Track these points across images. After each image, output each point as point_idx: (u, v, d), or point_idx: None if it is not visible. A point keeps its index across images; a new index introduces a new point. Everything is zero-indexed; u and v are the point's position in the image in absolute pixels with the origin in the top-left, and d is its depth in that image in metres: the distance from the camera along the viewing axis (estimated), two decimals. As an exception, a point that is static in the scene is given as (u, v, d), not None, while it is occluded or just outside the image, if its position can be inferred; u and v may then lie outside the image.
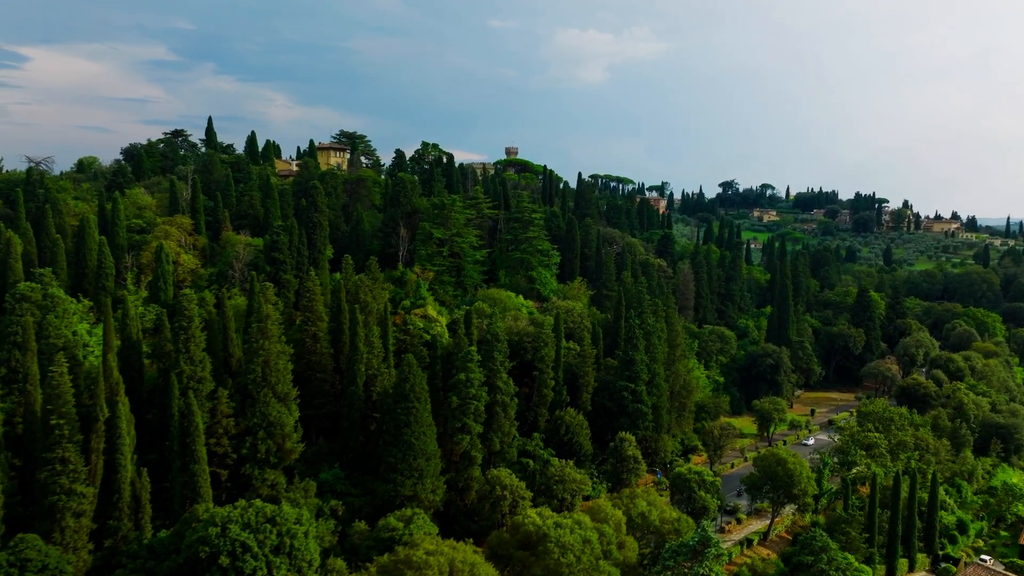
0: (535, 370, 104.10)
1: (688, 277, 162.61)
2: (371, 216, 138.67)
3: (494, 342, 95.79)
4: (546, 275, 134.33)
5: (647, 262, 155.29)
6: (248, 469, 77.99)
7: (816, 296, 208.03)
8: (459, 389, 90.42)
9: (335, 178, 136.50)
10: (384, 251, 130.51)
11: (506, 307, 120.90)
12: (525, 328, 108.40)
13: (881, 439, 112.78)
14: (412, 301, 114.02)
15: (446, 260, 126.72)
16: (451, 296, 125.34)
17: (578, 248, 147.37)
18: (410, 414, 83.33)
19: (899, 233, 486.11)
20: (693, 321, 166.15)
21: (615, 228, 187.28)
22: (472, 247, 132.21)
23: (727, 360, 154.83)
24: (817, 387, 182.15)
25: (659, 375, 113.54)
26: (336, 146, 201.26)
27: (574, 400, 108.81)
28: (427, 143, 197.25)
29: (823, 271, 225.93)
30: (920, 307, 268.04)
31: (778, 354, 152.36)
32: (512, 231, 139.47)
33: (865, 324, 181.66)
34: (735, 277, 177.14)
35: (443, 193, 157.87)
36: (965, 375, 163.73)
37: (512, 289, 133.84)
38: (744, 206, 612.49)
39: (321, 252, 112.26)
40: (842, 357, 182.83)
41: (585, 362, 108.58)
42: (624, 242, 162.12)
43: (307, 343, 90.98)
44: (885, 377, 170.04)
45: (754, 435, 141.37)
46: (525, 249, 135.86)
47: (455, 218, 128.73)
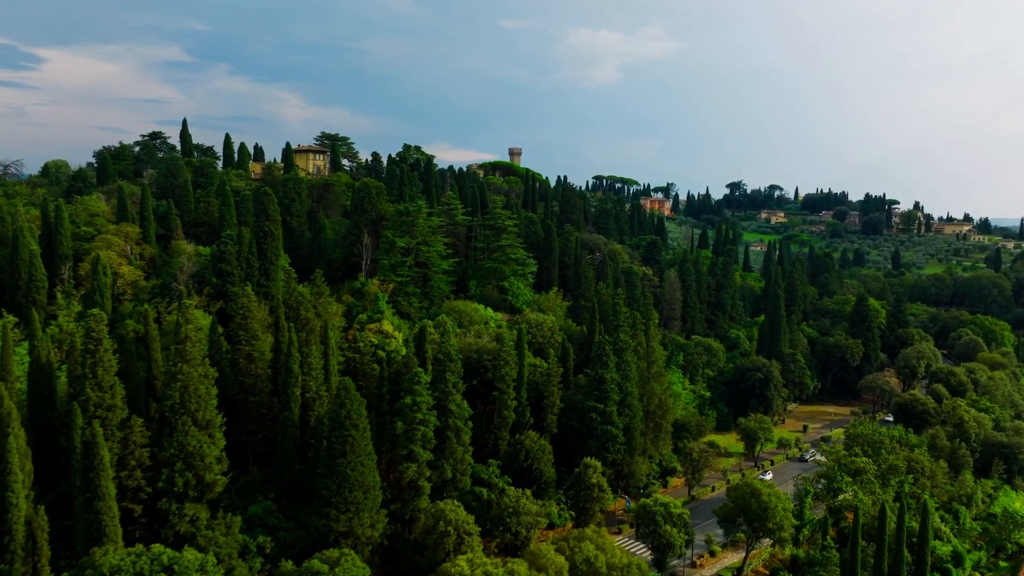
0: (495, 390, 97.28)
1: (674, 286, 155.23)
2: (338, 223, 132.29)
3: (446, 361, 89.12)
4: (519, 285, 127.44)
5: (630, 270, 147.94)
6: (165, 504, 71.71)
7: (814, 304, 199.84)
8: (405, 414, 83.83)
9: (299, 183, 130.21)
10: (348, 260, 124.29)
11: (472, 320, 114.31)
12: (485, 345, 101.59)
13: (869, 464, 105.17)
14: (369, 315, 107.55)
15: (411, 270, 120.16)
16: (416, 308, 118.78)
17: (556, 256, 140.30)
18: (345, 443, 76.72)
19: (909, 235, 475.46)
20: (680, 332, 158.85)
21: (602, 234, 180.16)
22: (441, 256, 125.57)
23: (714, 374, 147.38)
24: (813, 400, 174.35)
25: (632, 394, 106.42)
26: (316, 149, 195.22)
27: (539, 422, 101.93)
28: (408, 145, 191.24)
29: (822, 278, 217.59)
30: (926, 313, 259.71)
31: (768, 368, 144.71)
32: (484, 239, 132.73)
33: (863, 334, 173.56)
34: (726, 285, 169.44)
35: (420, 198, 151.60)
36: (967, 389, 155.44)
37: (483, 300, 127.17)
38: (752, 207, 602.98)
39: (273, 263, 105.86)
40: (839, 369, 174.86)
41: (550, 381, 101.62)
42: (607, 249, 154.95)
43: (241, 364, 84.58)
44: (883, 391, 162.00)
45: (741, 454, 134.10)
46: (497, 258, 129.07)
47: (421, 225, 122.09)
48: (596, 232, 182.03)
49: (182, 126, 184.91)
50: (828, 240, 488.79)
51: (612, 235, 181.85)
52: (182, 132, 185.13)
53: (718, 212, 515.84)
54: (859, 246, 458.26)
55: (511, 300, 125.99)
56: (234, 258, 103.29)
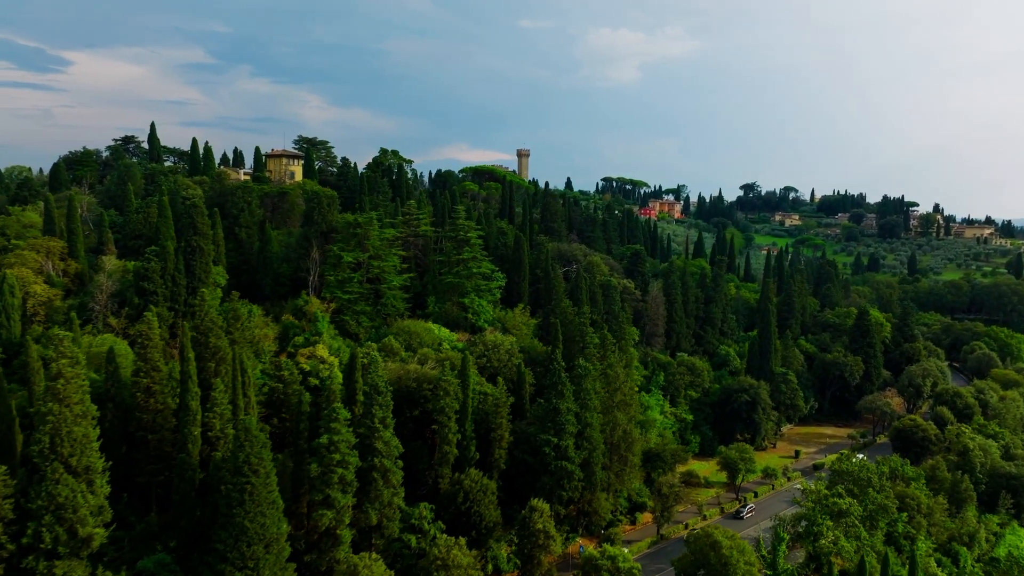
0: (434, 423, 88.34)
1: (657, 300, 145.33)
2: (289, 236, 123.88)
3: (373, 394, 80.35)
4: (480, 302, 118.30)
5: (608, 284, 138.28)
6: (31, 562, 63.70)
7: (815, 317, 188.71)
8: (321, 455, 75.22)
9: (249, 192, 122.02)
10: (296, 276, 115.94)
11: (422, 342, 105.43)
12: (426, 372, 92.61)
13: (855, 505, 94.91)
14: (306, 337, 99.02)
15: (361, 286, 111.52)
16: (365, 328, 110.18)
17: (526, 270, 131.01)
18: (244, 491, 68.05)
19: (927, 239, 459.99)
20: (664, 349, 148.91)
21: (587, 243, 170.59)
22: (396, 271, 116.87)
23: (698, 395, 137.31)
24: (810, 420, 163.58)
25: (592, 425, 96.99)
26: (290, 153, 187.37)
27: (486, 457, 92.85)
28: (386, 149, 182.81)
29: (824, 288, 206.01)
30: (939, 324, 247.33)
31: (755, 389, 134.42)
32: (446, 252, 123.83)
33: (864, 351, 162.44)
34: (715, 298, 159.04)
35: (388, 206, 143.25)
36: (974, 413, 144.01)
37: (442, 319, 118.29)
38: (766, 209, 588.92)
39: (202, 280, 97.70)
40: (838, 387, 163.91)
41: (499, 411, 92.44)
42: (586, 260, 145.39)
43: (139, 398, 76.36)
44: (884, 413, 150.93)
45: (723, 484, 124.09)
46: (459, 272, 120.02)
47: (373, 238, 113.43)
48: (580, 241, 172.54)
49: (150, 130, 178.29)
50: (843, 244, 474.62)
51: (598, 244, 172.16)
52: (150, 136, 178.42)
53: (729, 215, 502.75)
54: (875, 250, 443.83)
55: (471, 318, 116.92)
56: (158, 276, 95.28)
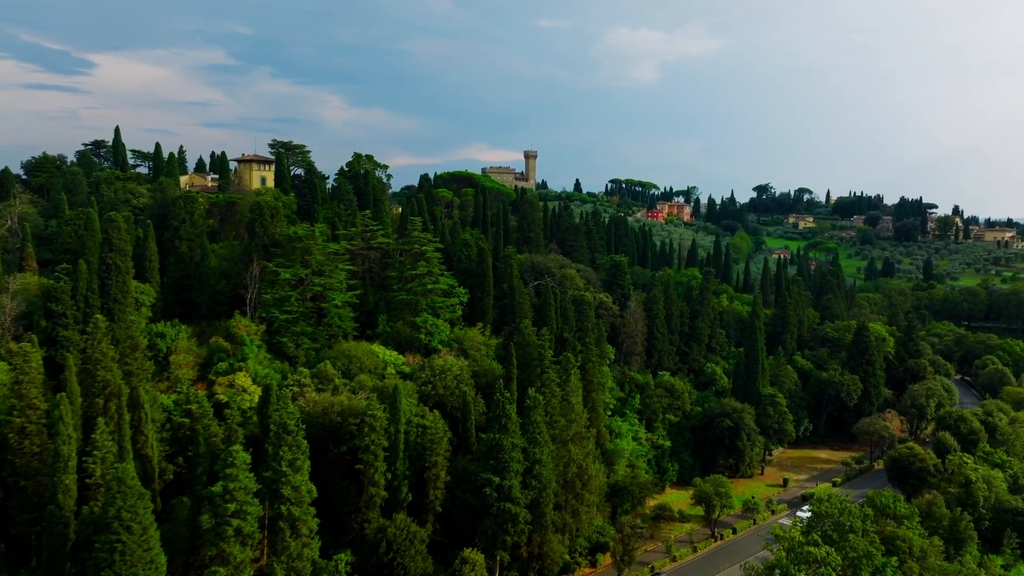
0: (359, 462, 79.80)
1: (636, 316, 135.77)
2: (232, 249, 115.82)
3: (282, 433, 71.92)
4: (435, 321, 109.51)
5: (581, 299, 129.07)
6: None
7: (813, 330, 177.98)
8: (214, 504, 66.91)
9: (191, 202, 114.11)
10: (235, 293, 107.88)
11: (363, 367, 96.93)
12: (353, 404, 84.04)
13: (833, 554, 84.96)
14: (230, 363, 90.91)
15: (302, 305, 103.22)
16: (304, 351, 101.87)
17: (490, 285, 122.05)
18: (114, 550, 60.26)
19: (945, 243, 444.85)
20: (644, 368, 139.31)
21: (568, 254, 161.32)
22: (343, 287, 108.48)
23: (678, 418, 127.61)
24: (804, 443, 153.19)
25: (543, 462, 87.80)
26: (261, 159, 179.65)
27: (421, 498, 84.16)
28: (359, 154, 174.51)
29: (824, 299, 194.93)
30: (951, 335, 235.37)
31: (739, 414, 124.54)
32: (399, 266, 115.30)
33: (863, 368, 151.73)
34: (702, 312, 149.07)
35: (351, 215, 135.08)
36: (980, 439, 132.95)
37: (393, 339, 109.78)
38: (779, 211, 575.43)
39: (119, 301, 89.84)
40: (835, 407, 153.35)
41: (434, 448, 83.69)
42: (560, 273, 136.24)
43: (11, 440, 68.49)
44: (882, 437, 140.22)
45: (700, 517, 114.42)
46: (412, 289, 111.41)
47: (316, 252, 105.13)
48: (561, 251, 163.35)
49: (114, 135, 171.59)
50: (858, 247, 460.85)
51: (581, 254, 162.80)
52: (114, 141, 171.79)
53: (740, 217, 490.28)
54: (890, 254, 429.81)
55: (423, 339, 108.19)
56: (67, 296, 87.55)
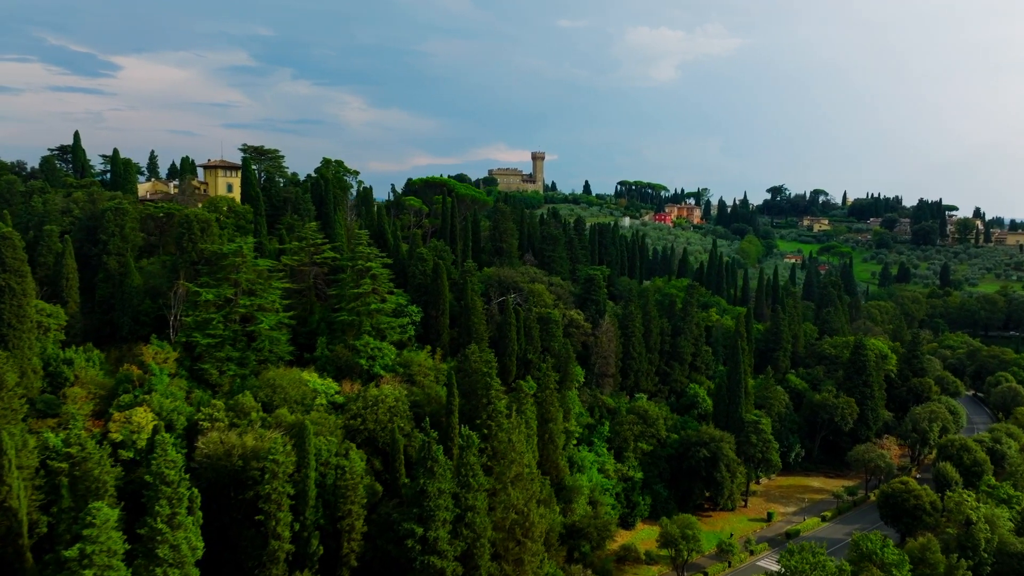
0: (259, 512, 71.09)
1: (609, 334, 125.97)
2: (163, 265, 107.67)
3: (159, 484, 63.35)
4: (377, 344, 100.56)
5: (547, 317, 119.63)
6: None
7: (810, 346, 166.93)
8: (70, 571, 58.43)
9: (121, 214, 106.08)
10: (160, 313, 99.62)
11: (287, 398, 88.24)
12: (258, 446, 75.30)
13: (801, 618, 75.16)
14: (135, 395, 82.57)
15: (228, 328, 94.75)
16: (229, 378, 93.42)
17: (445, 303, 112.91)
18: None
19: (965, 246, 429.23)
20: (619, 390, 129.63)
21: (545, 265, 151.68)
22: (276, 307, 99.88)
23: (651, 447, 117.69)
24: (796, 469, 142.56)
25: (478, 509, 78.58)
26: (227, 165, 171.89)
27: (336, 551, 75.27)
28: (328, 159, 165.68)
29: (824, 312, 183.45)
30: (965, 348, 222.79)
31: (717, 443, 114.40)
32: (340, 284, 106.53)
33: (860, 390, 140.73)
34: (685, 329, 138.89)
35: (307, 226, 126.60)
36: (985, 471, 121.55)
37: (332, 364, 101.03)
38: (793, 214, 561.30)
39: (15, 327, 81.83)
40: (830, 431, 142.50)
41: (348, 495, 74.76)
42: (529, 288, 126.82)
43: None
44: (877, 466, 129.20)
45: (670, 558, 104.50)
46: (355, 308, 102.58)
47: (245, 270, 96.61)
48: (538, 263, 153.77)
49: (74, 139, 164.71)
50: (873, 251, 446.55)
51: (560, 265, 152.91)
52: (74, 147, 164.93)
53: (751, 220, 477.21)
54: (906, 258, 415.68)
55: (363, 364, 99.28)
56: (-47, 323, 79.74)
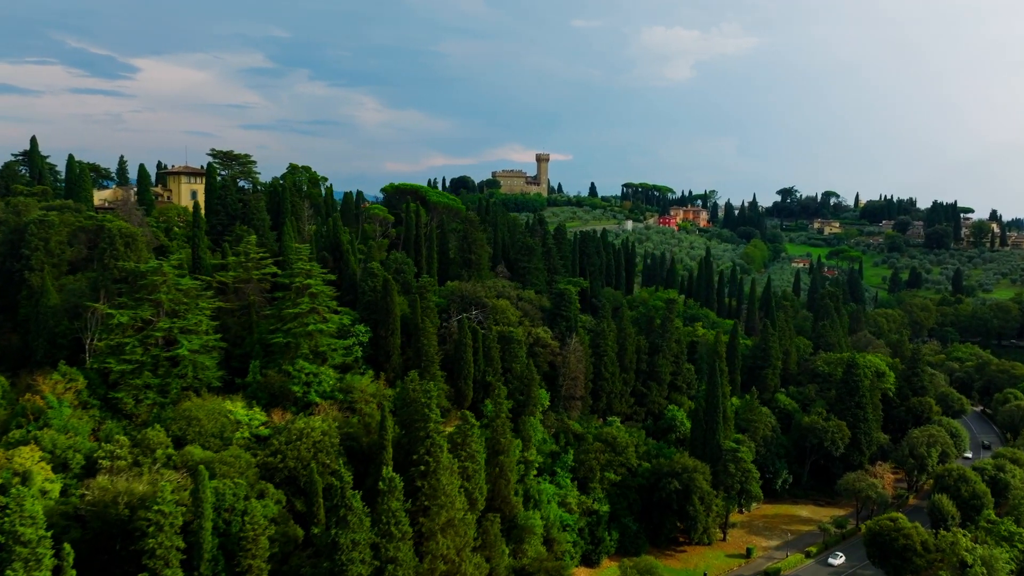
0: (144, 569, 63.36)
1: (577, 354, 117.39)
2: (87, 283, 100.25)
3: (12, 546, 55.86)
4: (312, 368, 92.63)
5: (508, 336, 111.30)
6: None
7: (804, 362, 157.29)
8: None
9: (46, 227, 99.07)
10: (77, 336, 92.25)
11: (202, 431, 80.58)
12: (146, 492, 67.57)
13: None
14: (28, 431, 75.19)
15: (147, 352, 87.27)
16: (148, 408, 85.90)
17: (396, 322, 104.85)
18: None
19: (979, 250, 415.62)
20: (590, 414, 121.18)
21: (520, 278, 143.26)
22: (206, 330, 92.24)
23: (619, 477, 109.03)
24: (784, 496, 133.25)
25: (403, 561, 70.55)
26: (191, 171, 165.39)
27: (236, 610, 67.41)
28: (295, 165, 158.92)
29: (820, 325, 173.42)
30: (974, 360, 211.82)
31: (690, 473, 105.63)
32: (277, 304, 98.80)
33: (852, 412, 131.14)
34: (663, 347, 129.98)
35: (244, 241, 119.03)
36: (985, 504, 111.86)
37: (264, 390, 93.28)
38: (804, 216, 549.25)
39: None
40: (821, 455, 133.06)
41: (249, 549, 66.79)
42: (492, 304, 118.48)
43: None
44: (868, 497, 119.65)
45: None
46: (291, 329, 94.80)
47: (166, 289, 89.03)
48: (512, 276, 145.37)
49: (30, 144, 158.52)
50: (885, 255, 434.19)
51: (535, 278, 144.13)
52: (30, 152, 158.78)
53: (758, 223, 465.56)
54: (919, 263, 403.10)
55: (297, 391, 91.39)
56: None
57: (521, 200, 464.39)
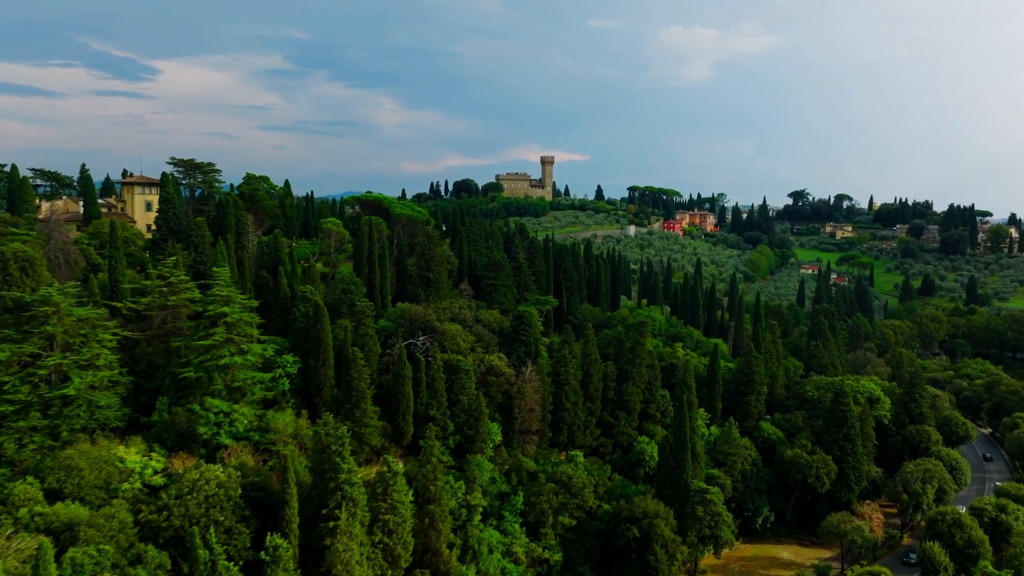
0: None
1: (534, 384, 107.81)
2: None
3: None
4: (222, 406, 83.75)
5: (456, 365, 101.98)
6: None
7: (794, 385, 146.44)
8: None
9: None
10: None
11: (83, 482, 71.86)
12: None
13: None
14: None
15: (33, 391, 78.85)
16: (33, 453, 77.43)
17: (328, 352, 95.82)
18: None
19: (997, 256, 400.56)
20: (548, 448, 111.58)
21: (487, 296, 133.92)
22: (104, 363, 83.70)
23: (575, 522, 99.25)
24: (766, 534, 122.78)
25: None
26: (147, 181, 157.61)
27: None
28: (253, 175, 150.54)
29: (813, 345, 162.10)
30: (984, 378, 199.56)
31: (651, 519, 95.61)
32: (188, 333, 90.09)
33: (839, 445, 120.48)
34: (633, 374, 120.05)
35: (163, 262, 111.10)
36: (982, 552, 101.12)
37: (171, 431, 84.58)
38: (816, 220, 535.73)
39: None
40: (805, 491, 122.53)
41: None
42: (442, 329, 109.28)
43: None
44: (854, 541, 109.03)
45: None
46: (203, 363, 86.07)
47: (56, 321, 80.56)
48: (475, 296, 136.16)
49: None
50: (898, 261, 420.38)
51: (504, 296, 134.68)
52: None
53: (766, 228, 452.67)
54: (933, 269, 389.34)
55: (203, 432, 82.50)
56: None
57: (523, 204, 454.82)
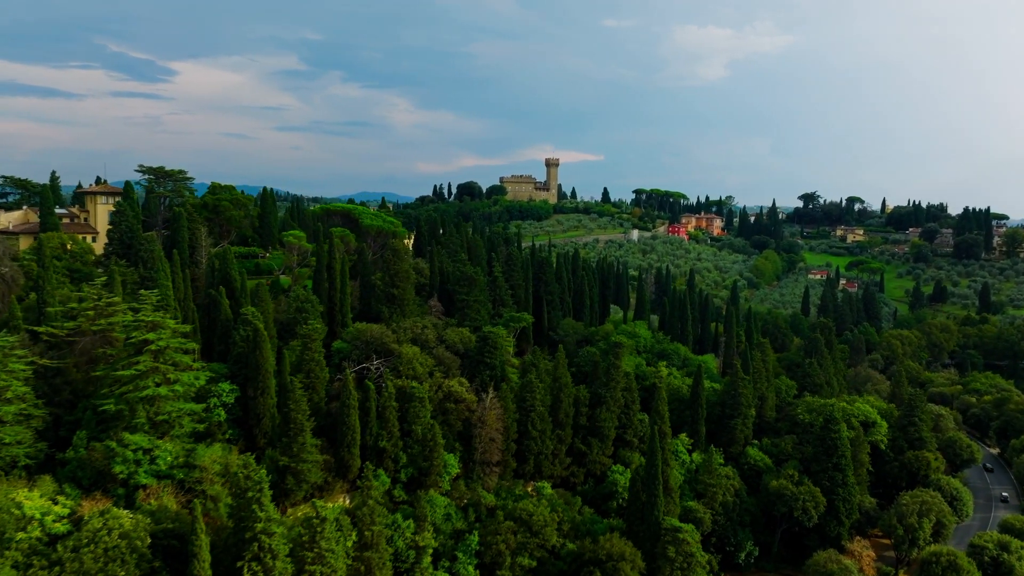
0: None
1: (496, 412, 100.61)
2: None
3: None
4: (142, 442, 77.25)
5: (409, 392, 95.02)
6: None
7: (785, 407, 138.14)
8: None
9: None
10: None
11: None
12: None
13: None
14: None
15: (-66, 428, 72.71)
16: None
17: (267, 381, 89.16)
18: None
19: (1013, 261, 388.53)
20: (513, 479, 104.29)
21: (460, 312, 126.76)
22: (18, 394, 77.39)
23: (536, 562, 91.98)
24: (750, 568, 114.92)
25: None
26: (110, 190, 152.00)
27: None
28: (218, 184, 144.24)
29: (807, 363, 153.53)
30: (993, 393, 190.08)
31: (615, 563, 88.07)
32: (110, 363, 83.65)
33: (828, 475, 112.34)
34: (607, 398, 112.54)
35: (92, 283, 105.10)
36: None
37: (87, 469, 78.13)
38: (826, 223, 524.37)
39: None
40: (792, 522, 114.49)
41: None
42: (398, 352, 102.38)
43: None
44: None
45: None
46: (124, 394, 79.63)
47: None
48: (445, 311, 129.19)
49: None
50: (910, 266, 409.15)
51: (477, 311, 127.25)
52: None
53: (774, 232, 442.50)
54: (946, 274, 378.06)
55: (120, 472, 75.97)
56: None
57: (526, 207, 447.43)
